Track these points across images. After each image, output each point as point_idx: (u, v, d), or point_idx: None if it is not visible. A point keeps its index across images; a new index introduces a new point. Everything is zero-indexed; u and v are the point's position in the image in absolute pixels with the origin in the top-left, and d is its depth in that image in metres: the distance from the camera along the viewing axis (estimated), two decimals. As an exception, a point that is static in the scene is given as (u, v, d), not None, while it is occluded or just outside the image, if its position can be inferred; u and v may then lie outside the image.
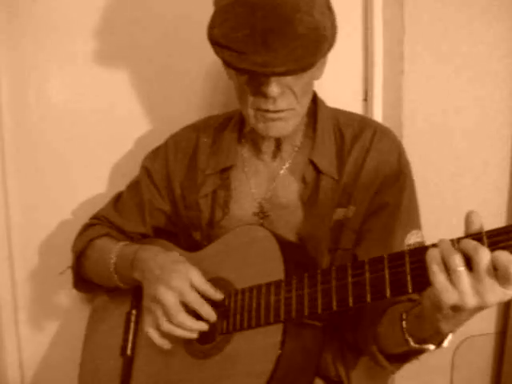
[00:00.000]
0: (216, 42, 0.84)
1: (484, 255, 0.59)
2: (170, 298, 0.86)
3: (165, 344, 0.90)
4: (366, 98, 1.35)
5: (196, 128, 1.14)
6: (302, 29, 0.81)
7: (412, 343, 0.75)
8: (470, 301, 0.61)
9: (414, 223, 0.97)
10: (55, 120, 1.28)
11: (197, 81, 1.32)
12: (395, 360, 0.85)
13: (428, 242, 0.69)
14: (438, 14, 1.23)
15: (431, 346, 0.74)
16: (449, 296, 0.62)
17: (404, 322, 0.76)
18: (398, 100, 1.26)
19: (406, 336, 0.75)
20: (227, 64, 0.85)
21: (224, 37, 0.83)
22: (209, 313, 0.87)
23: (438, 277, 0.62)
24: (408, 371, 1.31)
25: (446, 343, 0.74)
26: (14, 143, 1.27)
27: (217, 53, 0.85)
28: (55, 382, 1.35)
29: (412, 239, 0.94)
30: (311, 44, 0.82)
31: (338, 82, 1.29)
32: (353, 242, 0.96)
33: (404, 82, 1.24)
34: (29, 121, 1.27)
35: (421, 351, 0.78)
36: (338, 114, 1.06)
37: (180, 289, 0.86)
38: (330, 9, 0.89)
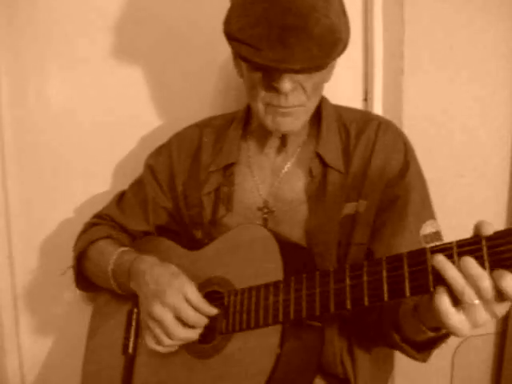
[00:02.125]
0: (233, 37, 0.85)
1: (487, 286, 0.59)
2: (166, 316, 0.86)
3: (171, 349, 0.91)
4: (366, 98, 1.35)
5: (199, 127, 1.14)
6: (319, 29, 0.82)
7: (429, 332, 0.74)
8: (483, 324, 0.62)
9: (428, 213, 0.97)
10: (55, 120, 1.28)
11: (200, 80, 1.32)
12: (422, 348, 0.84)
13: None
14: (437, 14, 1.23)
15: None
16: (465, 332, 0.63)
17: (416, 313, 0.76)
18: (398, 100, 1.26)
19: (422, 327, 0.75)
20: (243, 59, 0.85)
21: (241, 32, 0.84)
22: (204, 324, 0.87)
23: (455, 318, 0.62)
24: (408, 371, 1.31)
25: None
26: (14, 143, 1.26)
27: (233, 47, 0.87)
28: (57, 382, 1.35)
29: (427, 230, 0.94)
30: (327, 45, 0.83)
31: (338, 82, 1.29)
32: (367, 236, 0.96)
33: (404, 81, 1.24)
34: (29, 121, 1.27)
35: (445, 335, 0.78)
36: (340, 109, 1.07)
37: (174, 305, 0.86)
38: (344, 14, 0.90)
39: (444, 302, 0.62)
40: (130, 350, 0.99)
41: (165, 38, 1.28)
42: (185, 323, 0.87)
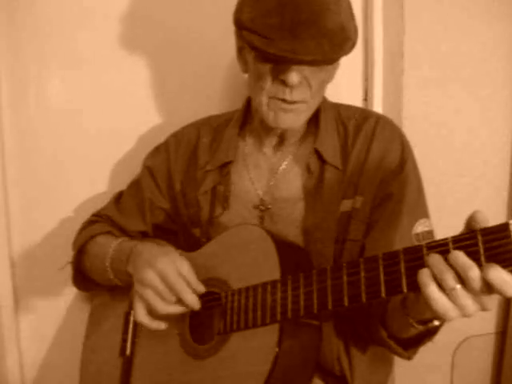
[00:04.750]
0: (244, 27, 0.86)
1: (475, 277, 0.59)
2: (156, 281, 0.85)
3: (160, 325, 0.90)
4: (366, 98, 1.35)
5: (197, 126, 1.14)
6: (331, 25, 0.84)
7: (416, 325, 0.75)
8: (471, 313, 0.62)
9: (421, 212, 0.97)
10: (55, 119, 1.28)
11: (200, 80, 1.32)
12: (409, 345, 0.85)
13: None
14: (437, 14, 1.23)
15: (436, 322, 0.74)
16: (451, 315, 0.62)
17: (404, 309, 0.76)
18: (398, 100, 1.26)
19: (410, 320, 0.75)
20: (255, 49, 0.86)
21: (253, 22, 0.85)
22: (191, 299, 0.86)
23: (439, 302, 0.62)
24: (408, 371, 1.31)
25: None
26: (13, 143, 1.26)
27: (244, 37, 0.87)
28: (56, 382, 1.35)
29: (419, 228, 0.94)
30: (337, 41, 0.85)
31: (338, 82, 1.29)
32: (362, 233, 0.97)
33: (404, 81, 1.24)
34: (29, 121, 1.27)
35: (431, 332, 0.78)
36: (338, 107, 1.07)
37: (165, 271, 0.85)
38: (353, 17, 0.92)
39: (428, 285, 0.62)
40: (128, 352, 0.99)
41: (164, 38, 1.28)
42: (171, 289, 0.86)
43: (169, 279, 0.85)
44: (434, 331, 0.80)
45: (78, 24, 1.25)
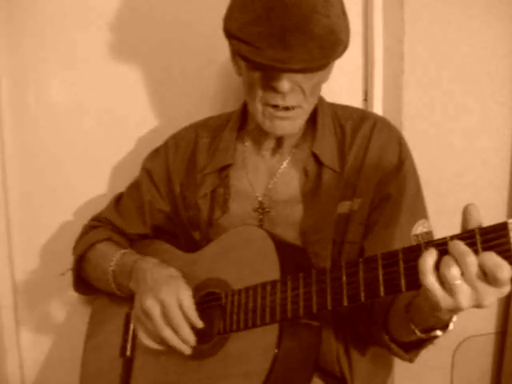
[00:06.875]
0: (233, 35, 0.86)
1: (471, 263, 0.59)
2: (155, 310, 0.86)
3: (162, 347, 0.90)
4: (366, 98, 1.35)
5: (195, 128, 1.14)
6: (319, 30, 0.83)
7: (418, 333, 0.75)
8: (467, 305, 0.62)
9: (420, 213, 0.97)
10: (55, 120, 1.28)
11: (200, 80, 1.32)
12: (410, 348, 0.85)
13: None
14: (437, 14, 1.23)
15: (438, 332, 0.74)
16: (446, 303, 0.62)
17: (408, 314, 0.76)
18: (398, 100, 1.26)
19: (412, 326, 0.75)
20: (243, 58, 0.85)
21: (241, 30, 0.84)
22: (186, 335, 0.86)
23: (434, 287, 0.62)
24: (408, 371, 1.31)
25: (451, 326, 0.73)
26: (14, 143, 1.27)
27: (233, 45, 0.87)
28: (56, 382, 1.35)
29: (419, 229, 0.94)
30: (327, 45, 0.84)
31: (338, 82, 1.29)
32: (361, 235, 0.96)
33: (404, 81, 1.24)
34: (29, 121, 1.27)
35: (433, 337, 0.78)
36: (336, 108, 1.07)
37: (164, 302, 0.86)
38: (344, 13, 0.91)
39: (431, 279, 0.62)
40: (128, 353, 0.99)
41: (164, 38, 1.29)
42: (169, 322, 0.86)
43: (169, 313, 0.86)
44: (435, 337, 0.80)
45: (77, 24, 1.25)
